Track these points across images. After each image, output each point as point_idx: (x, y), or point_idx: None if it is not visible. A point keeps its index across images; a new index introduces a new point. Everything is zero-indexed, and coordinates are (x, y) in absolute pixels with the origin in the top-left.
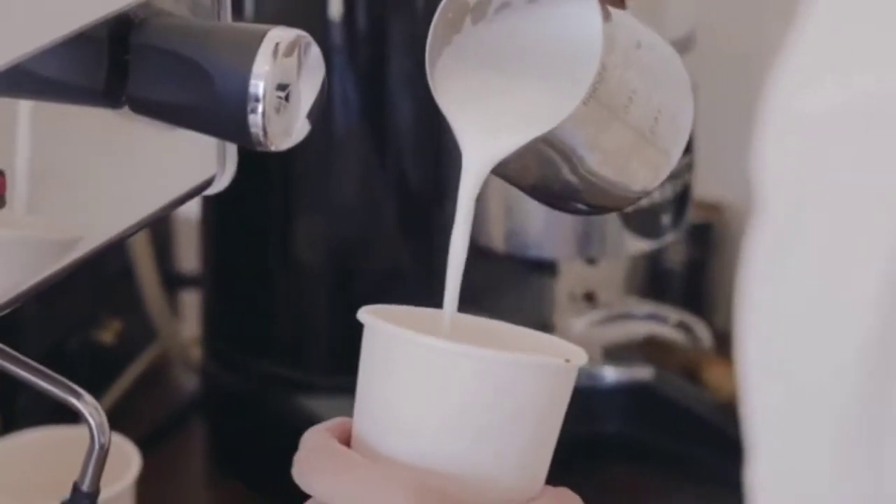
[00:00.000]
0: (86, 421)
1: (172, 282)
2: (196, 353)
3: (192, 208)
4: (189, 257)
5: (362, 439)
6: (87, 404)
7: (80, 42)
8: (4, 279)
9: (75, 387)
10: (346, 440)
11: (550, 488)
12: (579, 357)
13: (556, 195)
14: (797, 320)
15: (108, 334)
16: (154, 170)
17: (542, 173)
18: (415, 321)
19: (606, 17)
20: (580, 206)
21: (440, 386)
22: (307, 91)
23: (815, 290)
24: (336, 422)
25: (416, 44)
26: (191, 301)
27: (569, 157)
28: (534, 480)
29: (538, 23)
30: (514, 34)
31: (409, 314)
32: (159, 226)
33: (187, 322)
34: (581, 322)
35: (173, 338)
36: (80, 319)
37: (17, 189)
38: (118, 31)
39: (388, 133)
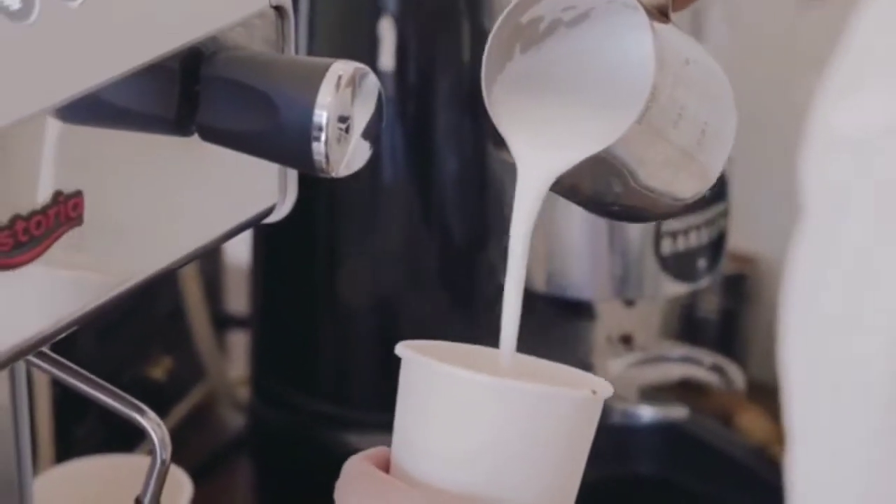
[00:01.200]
0: (149, 436)
1: (222, 322)
2: (243, 392)
3: (243, 252)
4: (238, 299)
5: (400, 466)
6: (150, 420)
7: (153, 73)
8: (77, 295)
9: (139, 403)
10: (385, 468)
11: None
12: (605, 389)
13: (608, 206)
14: (836, 320)
15: (158, 371)
16: (219, 197)
17: (594, 188)
18: (450, 356)
19: (655, 34)
20: (633, 214)
21: (473, 416)
22: (367, 122)
23: (852, 295)
24: (376, 450)
25: (462, 98)
26: (239, 341)
27: (619, 171)
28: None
29: (589, 44)
30: (565, 56)
31: (445, 349)
32: (210, 268)
33: (235, 362)
34: (618, 363)
35: (222, 376)
36: (132, 356)
37: (93, 209)
38: (189, 63)
39: (432, 184)
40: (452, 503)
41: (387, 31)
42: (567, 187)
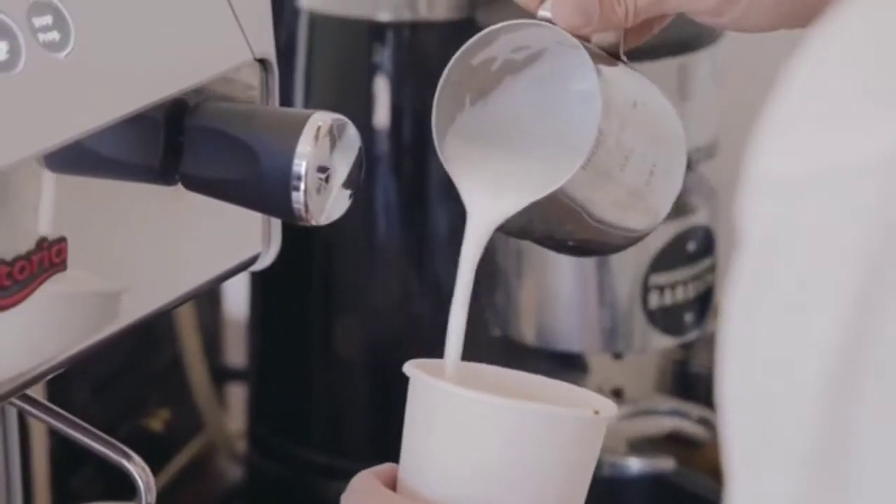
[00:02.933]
0: (133, 481)
1: (220, 375)
2: (241, 444)
3: (241, 305)
4: (237, 352)
5: (406, 483)
6: (135, 465)
7: (137, 123)
8: (60, 339)
9: (125, 448)
10: (392, 485)
11: None
12: (609, 409)
13: (562, 242)
14: (768, 356)
15: (157, 423)
16: (203, 245)
17: (546, 228)
18: (458, 375)
19: (601, 78)
20: (589, 249)
21: (477, 435)
22: (346, 173)
23: (783, 331)
24: (383, 467)
25: None
26: (237, 394)
27: (569, 210)
28: None
29: (538, 88)
30: (514, 101)
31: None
32: (209, 321)
33: (234, 414)
34: None
35: (220, 428)
36: (130, 407)
37: (76, 255)
38: (174, 113)
39: (426, 238)
40: None
41: (381, 89)
42: (518, 228)
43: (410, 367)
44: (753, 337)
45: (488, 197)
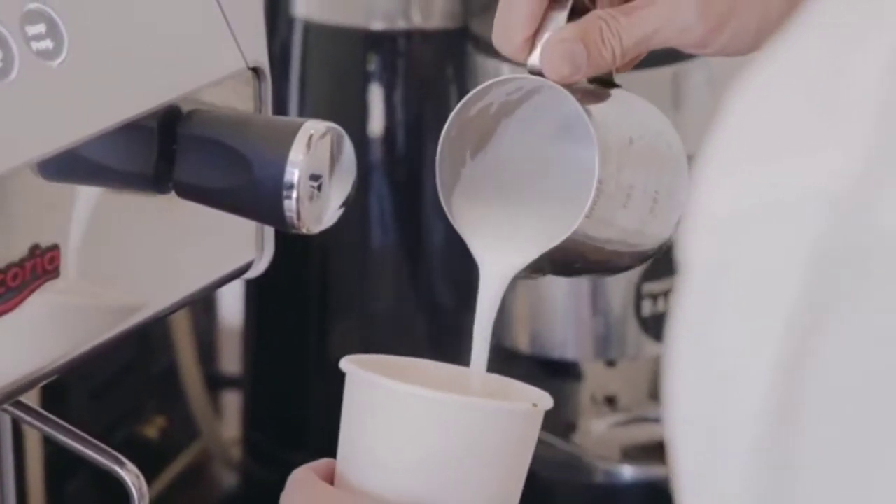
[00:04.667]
0: (127, 488)
1: (215, 382)
2: (237, 452)
3: (236, 313)
4: (232, 359)
5: (343, 477)
6: (129, 472)
7: (131, 131)
8: (52, 346)
9: (119, 455)
10: (331, 479)
11: None
12: (546, 401)
13: (576, 272)
14: (709, 394)
15: (152, 430)
16: (196, 253)
17: (554, 266)
18: (392, 369)
19: (594, 125)
20: (599, 269)
21: (415, 429)
22: (339, 181)
23: (722, 370)
24: (320, 462)
25: None
26: (233, 401)
27: (577, 251)
28: None
29: (534, 132)
30: (514, 152)
31: (388, 363)
32: (204, 328)
33: (229, 421)
34: (601, 423)
35: (215, 436)
36: (125, 415)
37: (69, 263)
38: (167, 121)
39: (421, 247)
40: None
41: (376, 98)
42: (528, 272)
43: (347, 363)
44: (696, 375)
45: (497, 253)
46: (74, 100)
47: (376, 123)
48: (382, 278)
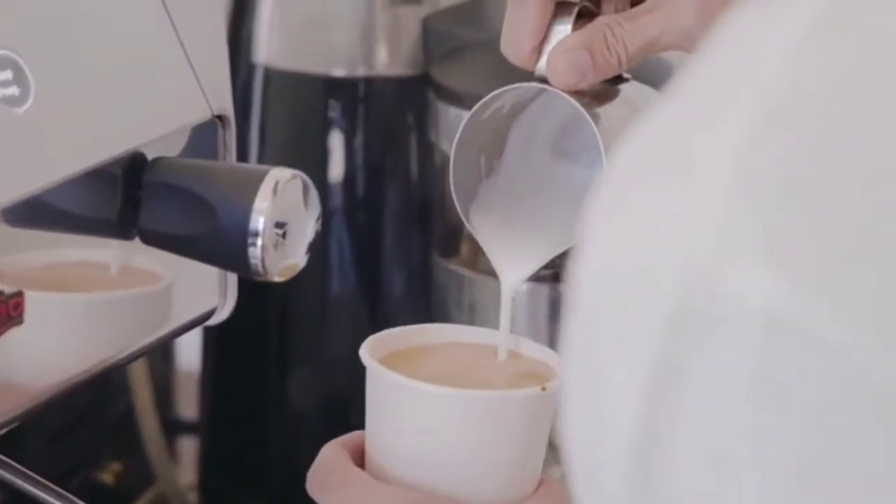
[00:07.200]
0: None
1: (172, 428)
2: (193, 497)
3: (194, 358)
4: (189, 405)
5: (372, 459)
6: None
7: (96, 177)
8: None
9: (76, 500)
10: (360, 455)
11: (543, 483)
12: (555, 384)
13: None
14: (582, 442)
15: (108, 476)
16: (159, 299)
17: (565, 260)
18: (415, 337)
19: (600, 129)
20: None
21: (433, 423)
22: (303, 228)
23: (592, 415)
24: (352, 436)
25: (410, 209)
26: (189, 447)
27: None
28: (528, 487)
29: (545, 148)
30: (526, 163)
31: (411, 334)
32: (160, 374)
33: (185, 467)
34: None
35: (172, 482)
36: (82, 460)
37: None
38: (132, 168)
39: (380, 292)
40: (416, 499)
41: (336, 144)
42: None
43: (367, 357)
44: (574, 418)
45: (515, 259)
46: (40, 146)
47: (336, 169)
48: (342, 324)
